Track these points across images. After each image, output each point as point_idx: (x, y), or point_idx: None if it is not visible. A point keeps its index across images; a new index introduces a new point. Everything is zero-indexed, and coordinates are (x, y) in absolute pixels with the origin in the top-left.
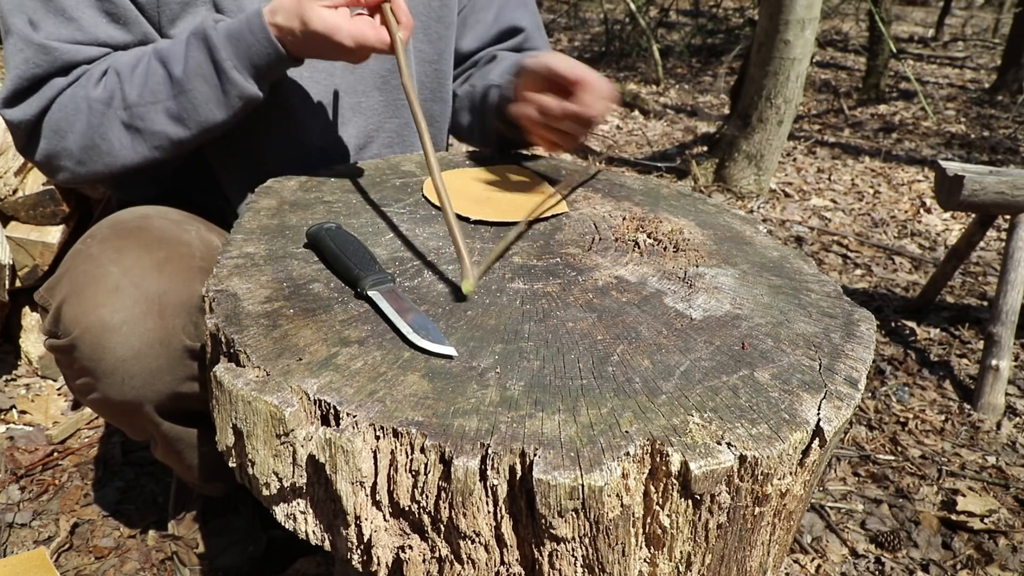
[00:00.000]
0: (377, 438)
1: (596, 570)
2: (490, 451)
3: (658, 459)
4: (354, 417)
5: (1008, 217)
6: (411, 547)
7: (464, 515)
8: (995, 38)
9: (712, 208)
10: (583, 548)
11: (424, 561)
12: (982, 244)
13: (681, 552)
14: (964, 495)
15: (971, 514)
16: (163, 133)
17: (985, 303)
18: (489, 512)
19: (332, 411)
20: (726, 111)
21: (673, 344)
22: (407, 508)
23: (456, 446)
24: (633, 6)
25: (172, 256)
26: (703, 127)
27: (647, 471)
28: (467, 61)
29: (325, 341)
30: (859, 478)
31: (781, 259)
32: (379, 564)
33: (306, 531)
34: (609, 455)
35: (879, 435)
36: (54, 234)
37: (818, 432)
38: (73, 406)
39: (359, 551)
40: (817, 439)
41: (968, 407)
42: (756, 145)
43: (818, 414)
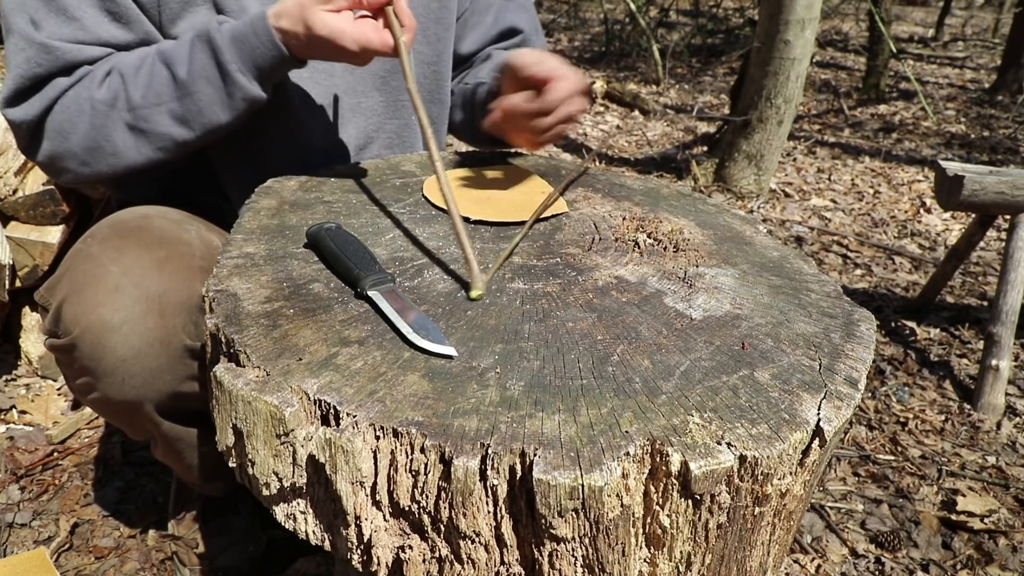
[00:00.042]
0: (377, 438)
1: (596, 570)
2: (490, 451)
3: (658, 459)
4: (354, 417)
5: (1008, 217)
6: (411, 547)
7: (464, 515)
8: (995, 38)
9: (712, 208)
10: (583, 548)
11: (424, 561)
12: (982, 244)
13: (681, 552)
14: (964, 495)
15: (971, 514)
16: (167, 135)
17: (985, 303)
18: (489, 512)
19: (332, 411)
20: (726, 111)
21: (673, 344)
22: (407, 508)
23: (456, 446)
24: (633, 6)
25: (172, 255)
26: (703, 127)
27: (647, 471)
28: (465, 63)
29: (325, 341)
30: (859, 478)
31: (781, 259)
32: (379, 564)
33: (306, 531)
34: (609, 455)
35: (879, 435)
36: (54, 234)
37: (818, 432)
38: (73, 406)
39: (359, 551)
40: (817, 439)
41: (968, 407)
42: (756, 145)
43: (818, 414)
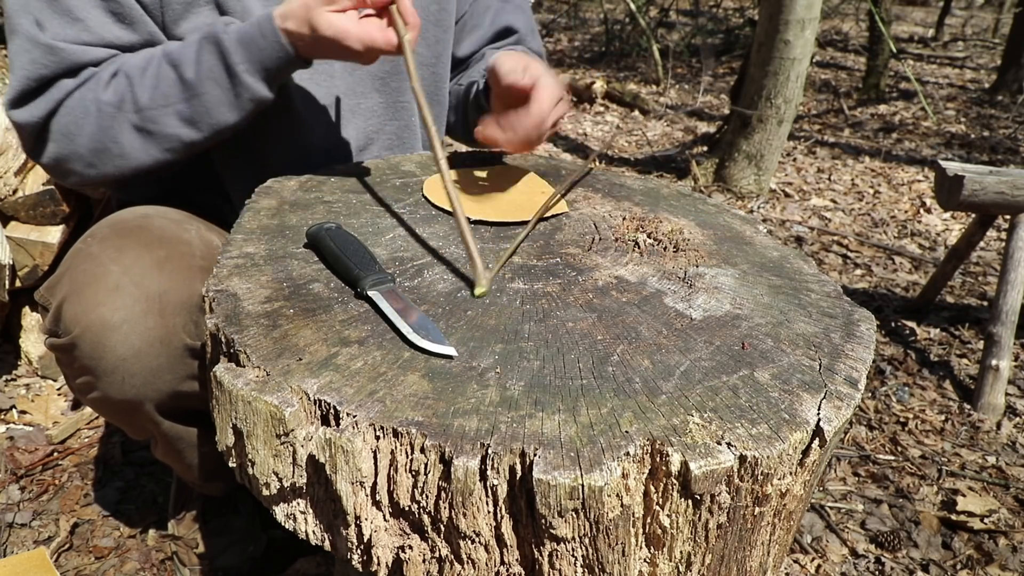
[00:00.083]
0: (377, 438)
1: (596, 570)
2: (490, 451)
3: (658, 459)
4: (354, 417)
5: (1008, 217)
6: (411, 547)
7: (464, 515)
8: (995, 38)
9: (712, 208)
10: (583, 548)
11: (424, 561)
12: (982, 244)
13: (681, 552)
14: (964, 495)
15: (971, 514)
16: (175, 136)
17: (985, 303)
18: (489, 512)
19: (332, 411)
20: (726, 111)
21: (673, 344)
22: (407, 508)
23: (456, 446)
24: (633, 6)
25: (172, 255)
26: (703, 127)
27: (647, 471)
28: (463, 65)
29: (325, 341)
30: (859, 478)
31: (781, 259)
32: (379, 564)
33: (306, 531)
34: (609, 455)
35: (879, 435)
36: (54, 234)
37: (818, 432)
38: (73, 406)
39: (359, 551)
40: (817, 439)
41: (968, 407)
42: (756, 145)
43: (818, 414)
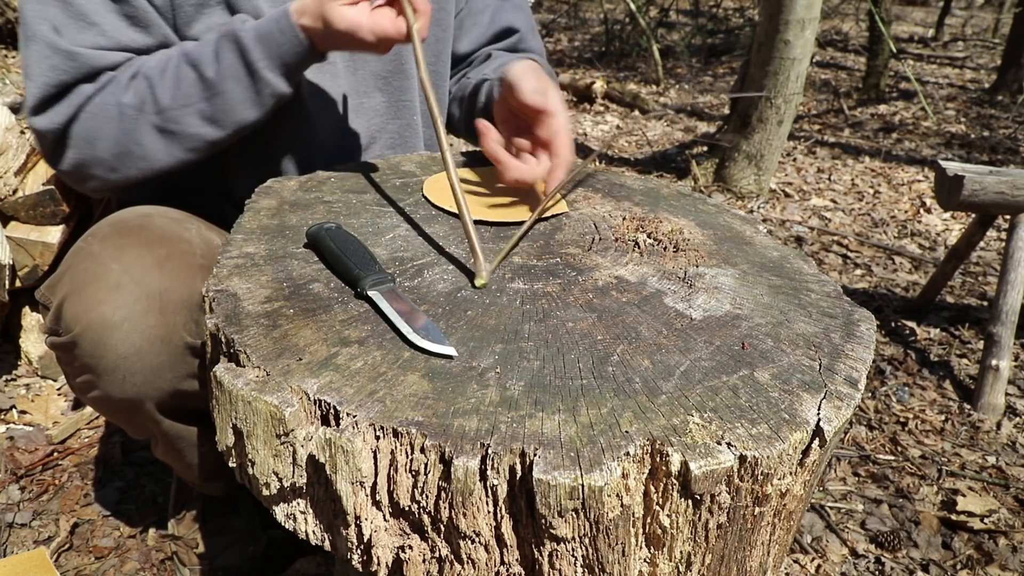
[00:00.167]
0: (377, 438)
1: (596, 570)
2: (490, 451)
3: (658, 459)
4: (354, 417)
5: (1008, 217)
6: (411, 547)
7: (464, 515)
8: (995, 38)
9: (712, 208)
10: (583, 548)
11: (424, 561)
12: (982, 244)
13: (681, 552)
14: (964, 495)
15: (971, 514)
16: (197, 135)
17: (985, 303)
18: (489, 512)
19: (332, 411)
20: (726, 111)
21: (673, 344)
22: (407, 508)
23: (456, 446)
24: (633, 6)
25: (173, 254)
26: (703, 127)
27: (647, 471)
28: (463, 62)
29: (325, 341)
30: (859, 478)
31: (781, 259)
32: (379, 564)
33: (306, 531)
34: (609, 455)
35: (879, 435)
36: (54, 234)
37: (818, 432)
38: (73, 406)
39: (359, 551)
40: (817, 439)
41: (968, 407)
42: (756, 145)
43: (818, 414)
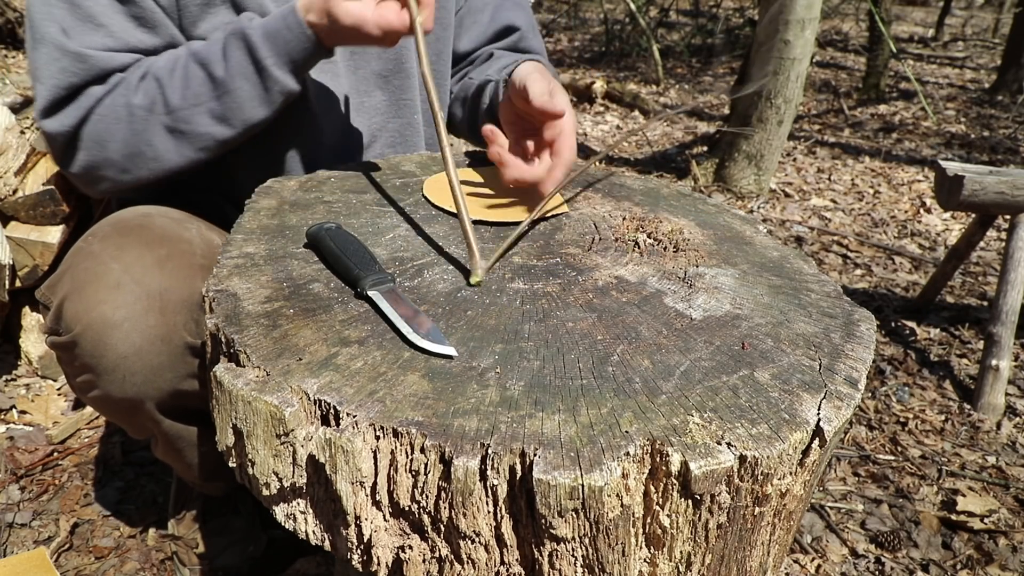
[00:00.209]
0: (377, 438)
1: (596, 570)
2: (490, 451)
3: (658, 459)
4: (354, 417)
5: (1008, 217)
6: (411, 547)
7: (464, 515)
8: (995, 38)
9: (712, 208)
10: (583, 548)
11: (424, 561)
12: (982, 244)
13: (681, 552)
14: (964, 495)
15: (971, 514)
16: (208, 134)
17: (985, 303)
18: (489, 512)
19: (332, 411)
20: (726, 111)
21: (673, 344)
22: (407, 508)
23: (456, 446)
24: (633, 6)
25: (173, 253)
26: (703, 127)
27: (647, 471)
28: (464, 61)
29: (325, 341)
30: (859, 478)
31: (781, 259)
32: (379, 564)
33: (306, 531)
34: (609, 455)
35: (879, 435)
36: (54, 234)
37: (818, 432)
38: (73, 406)
39: (359, 551)
40: (817, 439)
41: (968, 407)
42: (756, 145)
43: (818, 414)
